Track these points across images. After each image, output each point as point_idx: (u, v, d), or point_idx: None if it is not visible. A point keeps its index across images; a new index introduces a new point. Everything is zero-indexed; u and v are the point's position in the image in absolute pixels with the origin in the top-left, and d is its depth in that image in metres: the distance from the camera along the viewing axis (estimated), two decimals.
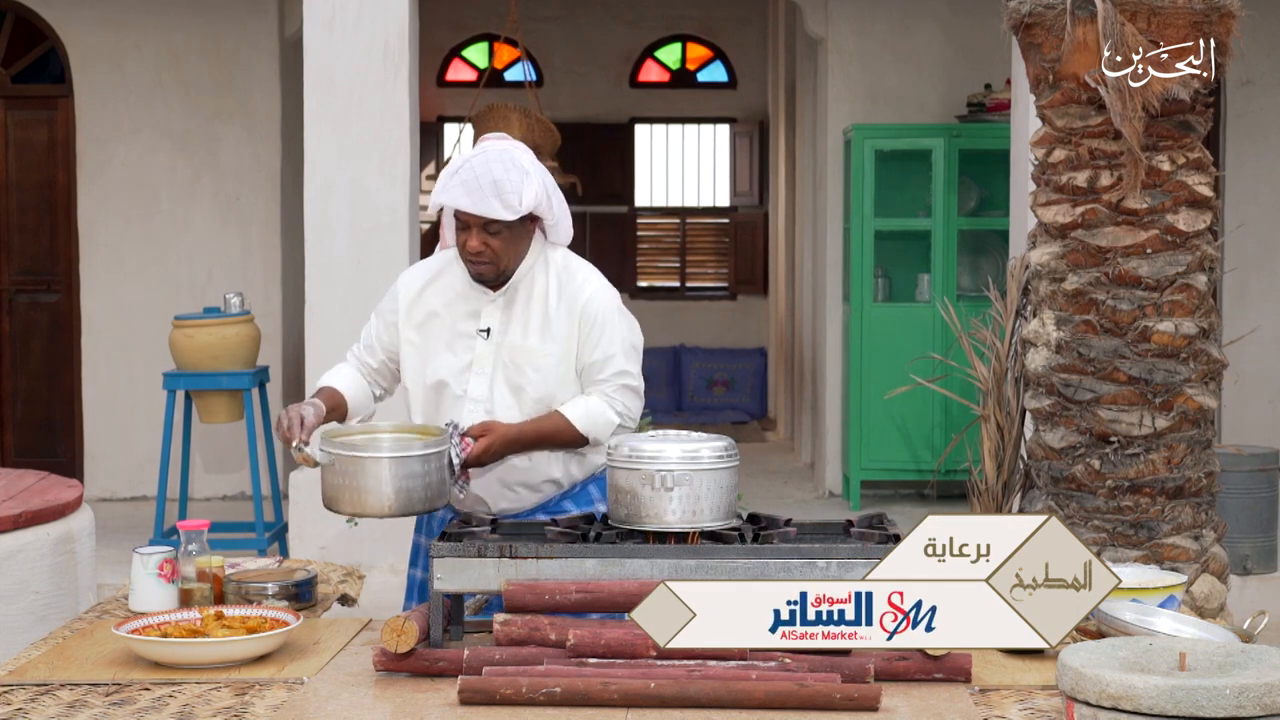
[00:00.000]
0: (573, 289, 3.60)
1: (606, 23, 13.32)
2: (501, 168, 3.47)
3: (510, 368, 3.59)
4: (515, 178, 3.47)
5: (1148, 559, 4.83)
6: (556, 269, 3.63)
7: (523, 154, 3.55)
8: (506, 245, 3.53)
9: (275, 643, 2.97)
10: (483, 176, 3.45)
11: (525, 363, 3.58)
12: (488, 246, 3.51)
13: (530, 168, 3.51)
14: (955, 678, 2.80)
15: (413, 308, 3.68)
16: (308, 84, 6.84)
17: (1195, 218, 4.90)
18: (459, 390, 3.61)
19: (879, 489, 9.18)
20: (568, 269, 3.64)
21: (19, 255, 9.47)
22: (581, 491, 3.73)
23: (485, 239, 3.50)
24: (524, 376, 3.58)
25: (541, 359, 3.58)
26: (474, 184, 3.45)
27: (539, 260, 3.63)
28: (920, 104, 9.14)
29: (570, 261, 3.66)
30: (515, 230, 3.53)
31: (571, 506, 3.69)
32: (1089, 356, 4.92)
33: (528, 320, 3.60)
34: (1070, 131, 4.96)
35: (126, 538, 7.41)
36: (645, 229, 13.83)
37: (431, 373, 3.64)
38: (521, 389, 3.58)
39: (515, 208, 3.46)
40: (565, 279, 3.61)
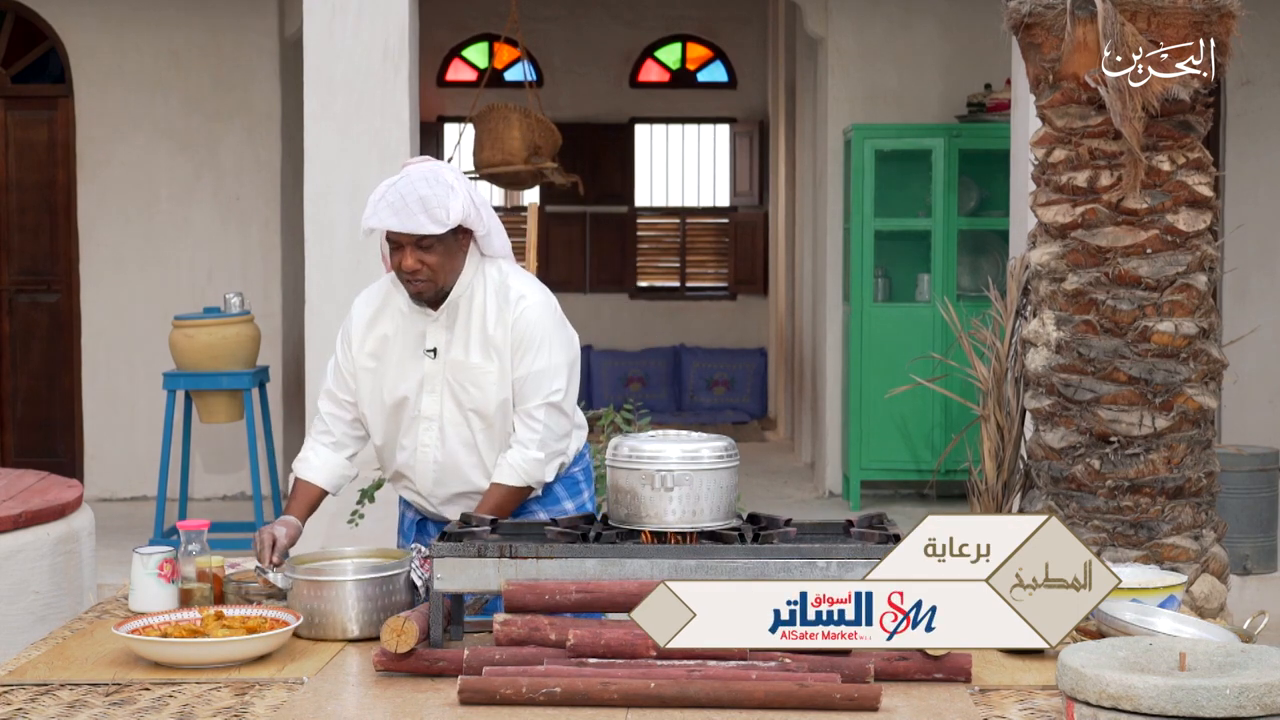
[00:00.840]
0: (508, 304, 3.63)
1: (606, 23, 13.32)
2: (426, 185, 3.50)
3: (456, 386, 3.64)
4: (441, 193, 3.49)
5: (1148, 559, 4.83)
6: (495, 284, 3.65)
7: (447, 171, 3.56)
8: (442, 261, 3.55)
9: (275, 643, 2.97)
10: (408, 195, 3.48)
11: (468, 380, 3.62)
12: (423, 264, 3.54)
13: (454, 183, 3.53)
14: (955, 678, 2.80)
15: (366, 335, 3.73)
16: (308, 84, 6.84)
17: (1195, 218, 4.90)
18: (413, 411, 3.66)
19: (879, 489, 9.18)
20: (504, 284, 3.65)
21: (19, 255, 9.47)
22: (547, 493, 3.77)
23: (419, 256, 3.53)
24: (468, 394, 3.63)
25: (482, 376, 3.62)
26: (400, 204, 3.48)
27: (477, 275, 3.65)
28: (920, 104, 9.14)
29: (507, 276, 3.67)
30: (448, 245, 3.55)
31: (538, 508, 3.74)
32: (1089, 356, 4.92)
33: (469, 338, 3.63)
34: (1070, 131, 4.96)
35: (126, 538, 7.41)
36: (645, 229, 13.83)
37: (388, 395, 3.69)
38: (468, 406, 3.63)
39: (443, 221, 3.48)
40: (502, 295, 3.63)
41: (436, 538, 3.03)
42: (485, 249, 3.66)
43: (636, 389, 12.70)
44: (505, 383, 3.62)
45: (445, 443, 3.66)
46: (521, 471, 3.62)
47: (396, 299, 3.70)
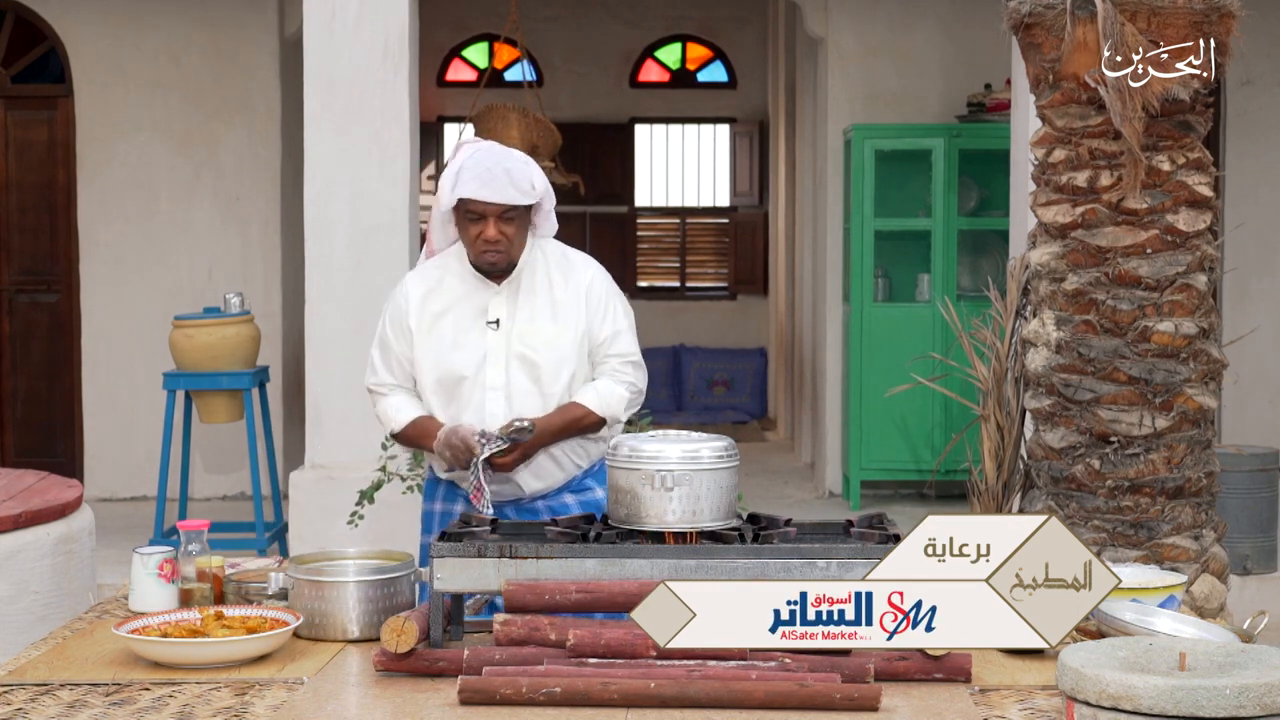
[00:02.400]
0: (574, 273, 3.79)
1: (606, 23, 13.32)
2: (508, 158, 3.67)
3: (527, 352, 3.73)
4: (523, 166, 3.67)
5: (1148, 559, 4.82)
6: (555, 257, 3.82)
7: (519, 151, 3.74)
8: (518, 233, 3.70)
9: (275, 643, 2.97)
10: (494, 168, 3.64)
11: (541, 345, 3.73)
12: (503, 235, 3.66)
13: (530, 160, 3.72)
14: (955, 678, 2.80)
15: (421, 311, 3.79)
16: (308, 84, 6.84)
17: (1195, 218, 4.89)
18: (477, 382, 3.73)
19: (879, 489, 9.18)
20: (566, 256, 3.83)
21: (19, 255, 9.47)
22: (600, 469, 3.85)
23: (501, 227, 3.66)
24: (540, 359, 3.72)
25: (555, 340, 3.73)
26: (488, 175, 3.62)
27: (534, 251, 3.79)
28: (920, 104, 9.14)
29: (565, 250, 3.85)
30: (524, 219, 3.71)
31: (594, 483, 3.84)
32: (1089, 356, 4.92)
33: (535, 307, 3.75)
34: (1070, 131, 4.96)
35: (126, 538, 7.41)
36: (645, 229, 13.83)
37: (445, 370, 3.76)
38: (538, 373, 3.72)
39: (529, 192, 3.65)
40: (566, 266, 3.80)
41: (436, 537, 3.03)
42: (542, 227, 3.80)
43: None
44: (577, 350, 3.74)
45: (513, 412, 3.71)
46: (604, 399, 3.73)
47: (448, 277, 3.79)
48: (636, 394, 3.81)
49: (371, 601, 3.11)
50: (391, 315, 3.83)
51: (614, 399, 3.74)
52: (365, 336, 6.75)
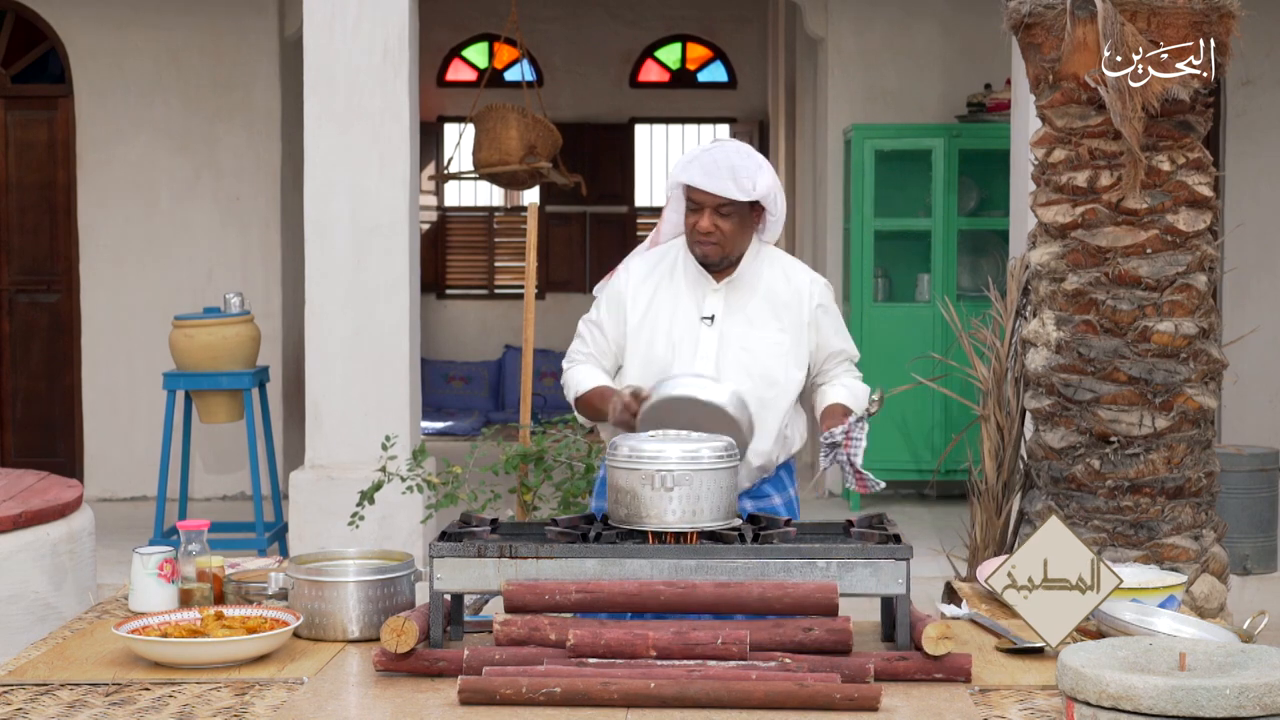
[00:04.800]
0: (802, 285, 3.83)
1: (606, 23, 13.32)
2: (739, 155, 3.70)
3: (737, 353, 3.77)
4: (751, 165, 3.70)
5: (1148, 559, 4.82)
6: (781, 265, 3.85)
7: (758, 154, 3.77)
8: (734, 230, 3.73)
9: (275, 643, 2.97)
10: (721, 161, 3.68)
11: (756, 347, 3.77)
12: (717, 228, 3.71)
13: (764, 164, 3.74)
14: (955, 678, 2.80)
15: (637, 294, 3.85)
16: (308, 84, 6.84)
17: (1195, 218, 4.89)
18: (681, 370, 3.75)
19: None
20: (791, 265, 3.88)
21: (19, 255, 9.47)
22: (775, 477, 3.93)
23: (716, 220, 3.71)
24: (752, 360, 3.76)
25: (773, 345, 3.78)
26: (712, 166, 3.67)
27: (758, 256, 3.83)
28: (920, 104, 9.14)
29: (791, 260, 3.91)
30: (744, 217, 3.74)
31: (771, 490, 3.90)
32: (1089, 356, 4.92)
33: (755, 309, 3.79)
34: (1070, 131, 4.96)
35: (126, 538, 7.41)
36: (645, 229, 13.80)
37: (654, 359, 3.79)
38: (757, 374, 3.75)
39: (749, 190, 3.68)
40: (790, 275, 3.84)
41: (436, 538, 3.03)
42: (770, 233, 3.84)
43: None
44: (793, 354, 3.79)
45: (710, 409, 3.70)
46: (856, 396, 3.84)
47: (669, 266, 3.85)
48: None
49: (371, 601, 3.11)
50: (609, 296, 3.89)
51: (861, 392, 3.85)
52: (365, 336, 6.84)
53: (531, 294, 6.09)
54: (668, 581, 2.87)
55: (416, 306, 6.99)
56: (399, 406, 6.77)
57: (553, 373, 11.60)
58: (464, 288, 13.64)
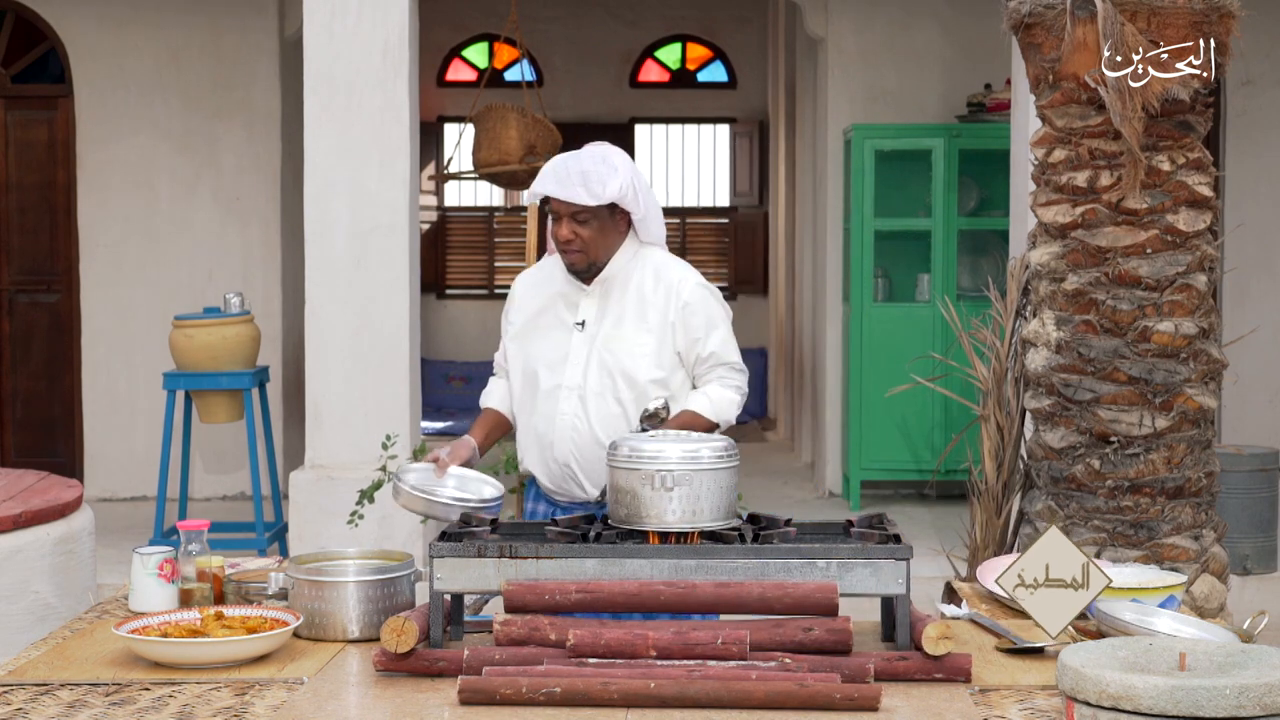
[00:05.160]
0: (670, 284, 3.83)
1: (606, 23, 13.32)
2: (591, 161, 3.75)
3: (607, 356, 3.79)
4: (603, 170, 3.73)
5: (1148, 559, 4.82)
6: (653, 265, 3.86)
7: (617, 155, 3.81)
8: (595, 236, 3.77)
9: (275, 643, 2.97)
10: (573, 168, 3.74)
11: (621, 351, 3.79)
12: (577, 235, 3.75)
13: (620, 166, 3.76)
14: (955, 678, 2.80)
15: (523, 304, 3.93)
16: (308, 84, 6.84)
17: (1195, 218, 4.89)
18: (555, 380, 3.81)
19: (879, 489, 9.18)
20: (665, 264, 3.87)
21: (19, 255, 9.47)
22: None
23: (574, 228, 3.75)
24: (619, 364, 3.77)
25: (637, 348, 3.79)
26: (564, 174, 3.73)
27: (634, 257, 3.85)
28: (920, 104, 9.14)
29: (667, 259, 3.90)
30: (604, 222, 3.77)
31: None
32: (1089, 356, 4.92)
33: (623, 311, 3.81)
34: (1070, 131, 4.96)
35: (126, 538, 7.41)
36: None
37: (529, 365, 3.87)
38: (618, 375, 3.77)
39: (598, 195, 3.71)
40: (661, 274, 3.84)
41: (436, 537, 3.03)
42: (643, 234, 3.86)
43: None
44: (661, 360, 3.79)
45: (587, 414, 3.78)
46: (716, 404, 3.81)
47: (555, 275, 3.89)
48: (743, 397, 3.88)
49: (371, 601, 3.11)
50: (505, 306, 3.99)
51: (725, 403, 3.81)
52: (365, 336, 6.83)
53: None
54: (668, 581, 2.87)
55: (416, 306, 6.99)
56: (399, 406, 6.77)
57: None
58: (464, 288, 13.65)
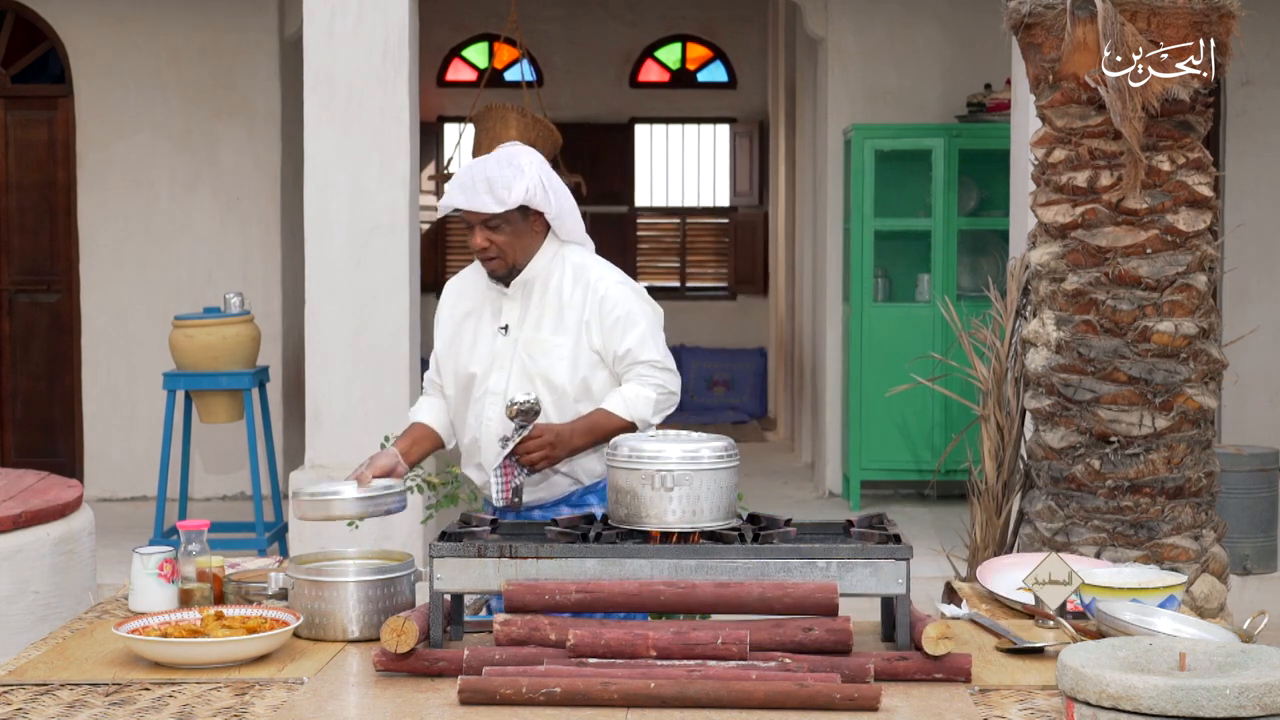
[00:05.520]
0: (588, 283, 3.76)
1: (606, 23, 13.32)
2: (496, 166, 3.69)
3: (527, 360, 3.75)
4: (508, 174, 3.67)
5: (1148, 559, 4.82)
6: (573, 265, 3.80)
7: (525, 155, 3.73)
8: (511, 240, 3.72)
9: (275, 643, 2.97)
10: (477, 175, 3.69)
11: (540, 355, 3.75)
12: (491, 242, 3.72)
13: (526, 166, 3.70)
14: (955, 678, 2.80)
15: (453, 310, 3.90)
16: (308, 84, 6.84)
17: (1195, 218, 4.89)
18: (482, 387, 3.78)
19: (879, 489, 9.18)
20: (583, 265, 3.80)
21: (19, 255, 9.47)
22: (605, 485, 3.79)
23: (487, 235, 3.71)
24: (538, 367, 3.74)
25: (554, 349, 3.74)
26: (469, 183, 3.69)
27: (555, 258, 3.80)
28: (920, 104, 9.14)
29: (586, 259, 3.83)
30: (517, 225, 3.72)
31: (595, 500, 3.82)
32: (1089, 356, 4.92)
33: (542, 314, 3.77)
34: (1070, 131, 4.96)
35: (126, 538, 7.41)
36: (645, 229, 13.83)
37: (461, 369, 3.83)
38: (537, 379, 3.73)
39: (504, 200, 3.66)
40: (580, 277, 3.77)
41: (436, 537, 3.03)
42: (560, 233, 3.80)
43: None
44: (578, 358, 3.73)
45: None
46: (630, 403, 3.72)
47: (479, 280, 3.87)
48: (666, 395, 3.78)
49: (371, 601, 3.11)
50: (436, 314, 3.96)
51: (641, 402, 3.73)
52: (365, 336, 6.83)
53: None
54: (668, 581, 2.87)
55: (416, 306, 6.99)
56: (399, 406, 6.76)
57: None
58: None
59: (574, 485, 3.83)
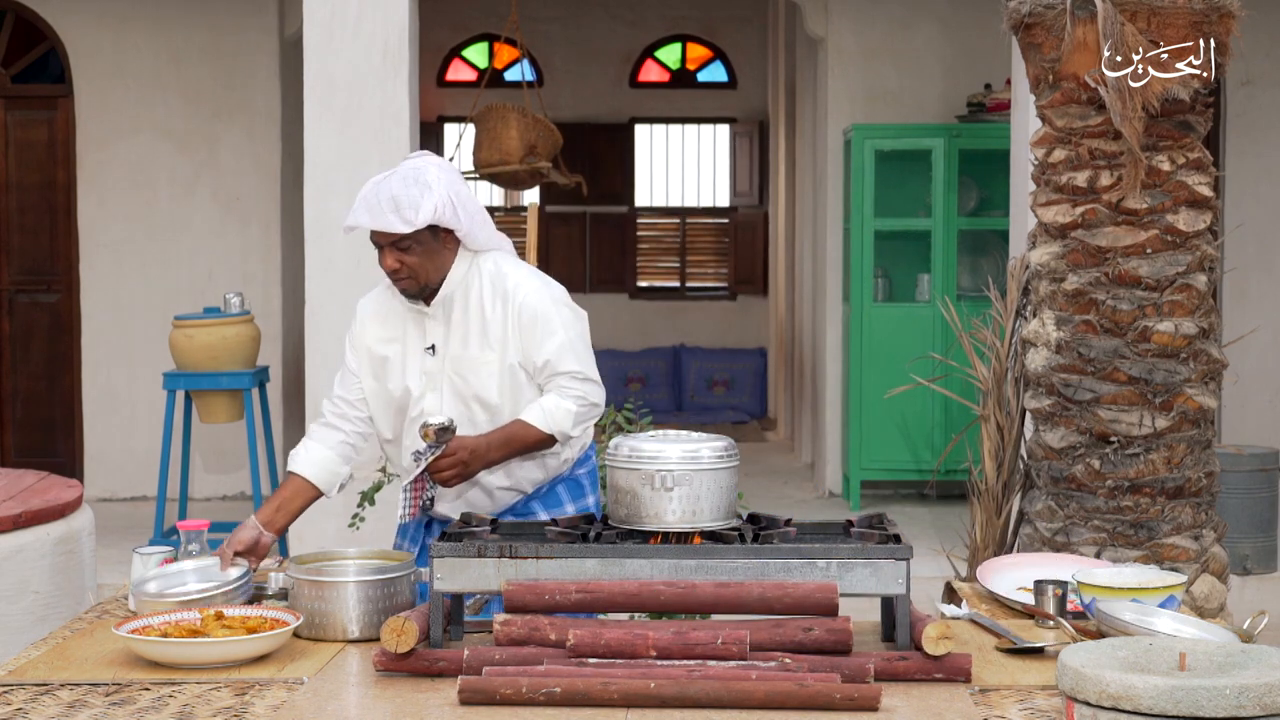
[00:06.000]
0: (506, 292, 3.64)
1: (606, 23, 13.32)
2: (402, 185, 3.52)
3: (457, 379, 3.65)
4: (415, 193, 3.51)
5: (1148, 559, 4.82)
6: (490, 277, 3.66)
7: (432, 169, 3.57)
8: (421, 260, 3.57)
9: (275, 643, 2.97)
10: (383, 194, 3.51)
11: (469, 373, 3.64)
12: (402, 263, 3.57)
13: (434, 182, 3.54)
14: (955, 678, 2.80)
15: (375, 336, 3.74)
16: (308, 84, 6.84)
17: (1195, 218, 4.89)
18: (417, 408, 3.67)
19: (879, 489, 9.18)
20: (500, 274, 3.66)
21: (19, 255, 9.47)
22: (550, 493, 3.79)
23: (398, 256, 3.56)
24: (470, 387, 3.64)
25: (482, 366, 3.63)
26: (375, 204, 3.51)
27: (471, 270, 3.66)
28: (920, 104, 9.14)
29: (503, 268, 3.68)
30: (427, 244, 3.57)
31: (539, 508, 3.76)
32: (1089, 356, 4.92)
33: (466, 330, 3.65)
34: (1070, 131, 4.96)
35: (126, 538, 7.41)
36: (645, 229, 13.83)
37: (388, 396, 3.71)
38: (470, 399, 3.63)
39: (412, 221, 3.50)
40: (498, 286, 3.65)
41: (437, 537, 3.03)
42: (471, 245, 3.66)
43: (637, 389, 12.70)
44: (506, 373, 3.63)
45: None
46: (549, 415, 3.60)
47: (387, 302, 3.73)
48: (587, 407, 3.65)
49: (371, 601, 3.11)
50: (350, 339, 3.78)
51: (559, 413, 3.60)
52: None
53: None
54: (668, 581, 2.87)
55: None
56: None
57: None
58: None
59: (517, 496, 3.75)
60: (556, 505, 3.78)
